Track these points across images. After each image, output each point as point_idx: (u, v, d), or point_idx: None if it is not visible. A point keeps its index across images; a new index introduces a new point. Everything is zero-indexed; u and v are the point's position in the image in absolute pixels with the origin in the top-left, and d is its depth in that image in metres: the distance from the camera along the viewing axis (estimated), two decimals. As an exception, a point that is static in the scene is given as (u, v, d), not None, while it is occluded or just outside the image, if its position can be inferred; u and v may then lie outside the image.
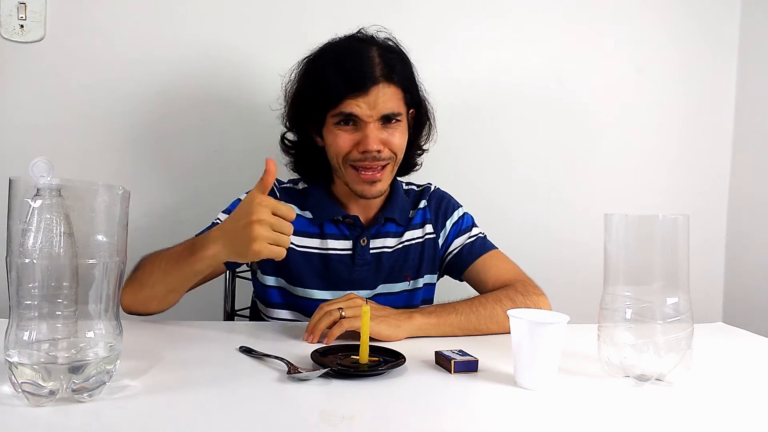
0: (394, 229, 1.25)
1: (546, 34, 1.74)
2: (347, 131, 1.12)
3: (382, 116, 1.11)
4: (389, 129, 1.13)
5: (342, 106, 1.09)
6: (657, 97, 1.81)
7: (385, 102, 1.10)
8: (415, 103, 1.20)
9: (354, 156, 1.12)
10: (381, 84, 1.10)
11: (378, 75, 1.09)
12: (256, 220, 0.87)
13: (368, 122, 1.10)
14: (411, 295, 1.25)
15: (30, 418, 0.63)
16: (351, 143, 1.12)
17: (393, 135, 1.13)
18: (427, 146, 1.29)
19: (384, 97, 1.10)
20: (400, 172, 1.26)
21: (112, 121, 1.54)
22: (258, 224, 0.88)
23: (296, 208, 1.21)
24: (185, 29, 1.56)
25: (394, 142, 1.13)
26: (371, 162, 1.12)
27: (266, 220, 0.88)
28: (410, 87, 1.17)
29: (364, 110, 1.09)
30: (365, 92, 1.08)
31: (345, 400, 0.74)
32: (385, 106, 1.10)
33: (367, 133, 1.10)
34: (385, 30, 1.19)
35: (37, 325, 0.67)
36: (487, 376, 0.85)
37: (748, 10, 1.82)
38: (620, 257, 0.85)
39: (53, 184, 0.66)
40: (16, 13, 1.47)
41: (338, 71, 1.10)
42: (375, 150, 1.10)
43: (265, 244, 0.88)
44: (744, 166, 1.84)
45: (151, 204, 1.55)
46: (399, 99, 1.13)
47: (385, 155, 1.13)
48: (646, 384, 0.82)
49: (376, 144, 1.10)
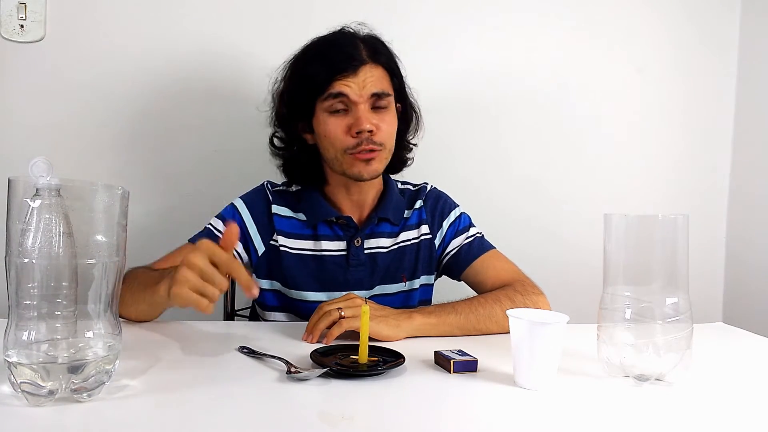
0: (388, 229, 1.24)
1: (545, 33, 1.74)
2: (339, 117, 1.12)
3: (372, 95, 1.11)
4: (379, 114, 1.13)
5: (331, 88, 1.10)
6: (657, 97, 1.81)
7: (374, 82, 1.11)
8: (400, 96, 1.21)
9: (350, 143, 1.11)
10: (368, 64, 1.11)
11: (365, 56, 1.12)
12: (185, 262, 0.81)
13: (359, 102, 1.10)
14: (408, 296, 1.25)
15: (29, 418, 0.63)
16: (344, 128, 1.11)
17: (383, 120, 1.13)
18: (416, 140, 1.30)
19: (372, 78, 1.11)
20: (393, 169, 1.27)
21: (111, 121, 1.54)
22: (186, 268, 0.81)
23: (289, 210, 1.22)
24: (185, 29, 1.56)
25: (383, 127, 1.13)
26: (366, 144, 1.11)
27: (196, 264, 0.80)
28: (396, 73, 1.18)
29: (354, 90, 1.10)
30: (354, 72, 1.10)
31: (344, 400, 0.74)
32: (374, 86, 1.11)
33: (359, 114, 1.10)
34: (366, 26, 1.20)
35: (36, 325, 0.67)
36: (486, 376, 0.85)
37: (748, 10, 1.82)
38: (620, 257, 0.85)
39: (52, 184, 0.65)
40: (16, 13, 1.47)
41: (324, 59, 1.12)
42: (368, 129, 1.10)
43: (186, 289, 0.80)
44: (744, 166, 1.84)
45: (151, 204, 1.55)
46: (387, 81, 1.15)
47: (378, 139, 1.12)
48: (646, 384, 0.82)
49: (369, 123, 1.10)
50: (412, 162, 1.31)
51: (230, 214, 1.21)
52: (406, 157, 1.29)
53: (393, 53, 1.19)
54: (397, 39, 1.20)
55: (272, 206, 1.22)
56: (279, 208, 1.22)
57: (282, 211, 1.22)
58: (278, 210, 1.22)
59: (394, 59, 1.19)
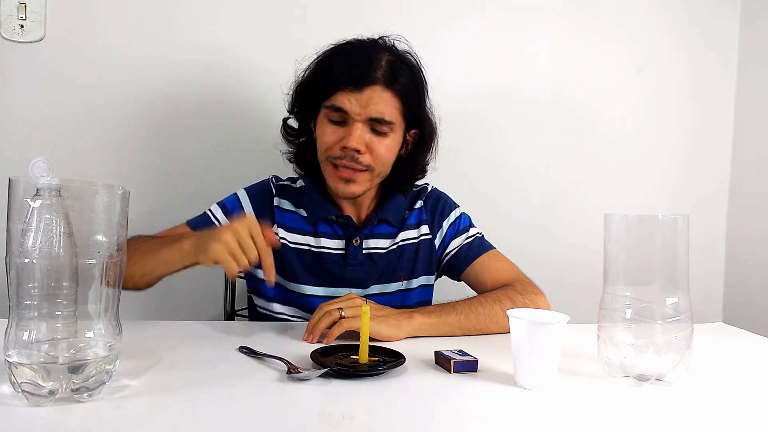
0: (387, 230, 1.24)
1: (546, 34, 1.74)
2: (335, 126, 1.11)
3: (371, 118, 1.09)
4: (377, 136, 1.11)
5: (333, 99, 1.09)
6: (657, 98, 1.81)
7: (377, 105, 1.08)
8: (416, 122, 1.17)
9: (335, 152, 1.11)
10: (378, 86, 1.08)
11: (378, 77, 1.08)
12: (229, 227, 0.92)
13: (356, 120, 1.09)
14: (405, 295, 1.25)
15: (29, 418, 0.63)
16: (335, 139, 1.11)
17: (380, 144, 1.11)
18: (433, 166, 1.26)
19: (377, 100, 1.08)
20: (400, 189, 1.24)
21: (112, 121, 1.54)
22: (228, 230, 0.91)
23: (292, 205, 1.23)
24: (185, 29, 1.56)
25: (377, 151, 1.11)
26: (349, 161, 1.10)
27: (238, 231, 0.91)
28: (411, 101, 1.13)
29: (353, 107, 1.08)
30: (359, 89, 1.07)
31: (345, 400, 0.74)
32: (375, 109, 1.08)
33: (352, 130, 1.09)
34: (403, 41, 1.16)
35: (36, 325, 0.67)
36: (486, 376, 0.85)
37: (748, 10, 1.82)
38: (620, 257, 0.85)
39: (53, 184, 0.66)
40: (16, 13, 1.47)
41: (341, 64, 1.10)
42: (354, 149, 1.08)
43: (224, 248, 0.90)
44: (744, 166, 1.84)
45: (151, 204, 1.55)
46: (394, 108, 1.10)
47: (364, 160, 1.10)
48: (646, 384, 0.82)
49: (358, 143, 1.08)
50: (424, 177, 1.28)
51: (231, 202, 1.22)
52: (417, 177, 1.27)
53: (419, 79, 1.15)
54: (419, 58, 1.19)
55: (275, 199, 1.23)
56: (282, 201, 1.23)
57: (284, 205, 1.23)
58: (280, 203, 1.23)
59: (415, 86, 1.14)
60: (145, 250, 1.03)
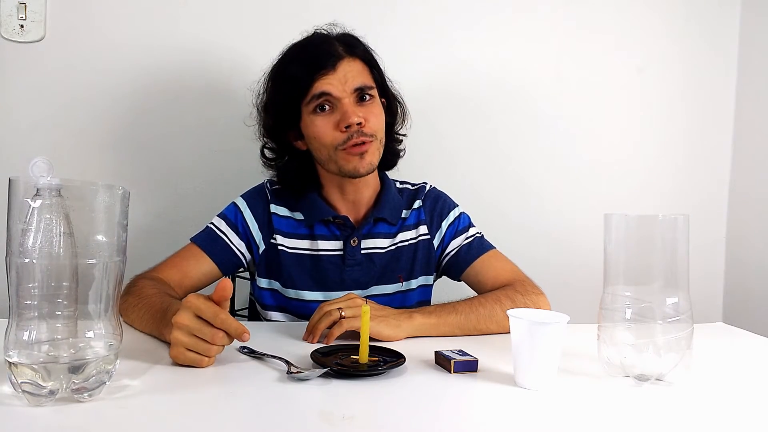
0: (385, 229, 1.24)
1: (546, 33, 1.74)
2: (325, 115, 1.12)
3: (355, 89, 1.11)
4: (365, 107, 1.13)
5: (314, 89, 1.10)
6: (657, 97, 1.81)
7: (355, 76, 1.12)
8: (383, 90, 1.21)
9: (340, 138, 1.11)
10: (346, 59, 1.12)
11: (341, 52, 1.12)
12: (173, 323, 0.82)
13: (342, 98, 1.10)
14: (404, 296, 1.25)
15: (30, 418, 0.63)
16: (332, 125, 1.11)
17: (370, 112, 1.13)
18: (404, 131, 1.29)
19: (352, 72, 1.12)
20: (387, 164, 1.26)
21: (112, 121, 1.54)
22: (176, 328, 0.82)
23: (287, 210, 1.23)
24: (185, 29, 1.56)
25: (371, 119, 1.13)
26: (357, 137, 1.11)
27: (184, 324, 0.81)
28: (375, 65, 1.18)
29: (336, 87, 1.10)
30: (333, 69, 1.10)
31: (345, 400, 0.74)
32: (355, 80, 1.11)
33: (345, 108, 1.10)
34: (337, 25, 1.20)
35: (37, 325, 0.67)
36: (486, 376, 0.85)
37: (748, 10, 1.82)
38: (620, 257, 0.85)
39: (53, 184, 0.66)
40: (16, 13, 1.47)
41: (302, 61, 1.12)
42: (356, 122, 1.09)
43: (182, 350, 0.81)
44: (744, 166, 1.84)
45: (151, 204, 1.55)
46: (367, 73, 1.15)
47: (368, 130, 1.12)
48: (646, 384, 0.82)
49: (356, 116, 1.09)
50: (405, 153, 1.31)
51: (232, 212, 1.22)
52: (398, 149, 1.29)
53: (368, 47, 1.19)
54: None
55: (271, 206, 1.23)
56: (277, 207, 1.23)
57: (280, 211, 1.23)
58: (276, 209, 1.23)
59: (370, 52, 1.19)
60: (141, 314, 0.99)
